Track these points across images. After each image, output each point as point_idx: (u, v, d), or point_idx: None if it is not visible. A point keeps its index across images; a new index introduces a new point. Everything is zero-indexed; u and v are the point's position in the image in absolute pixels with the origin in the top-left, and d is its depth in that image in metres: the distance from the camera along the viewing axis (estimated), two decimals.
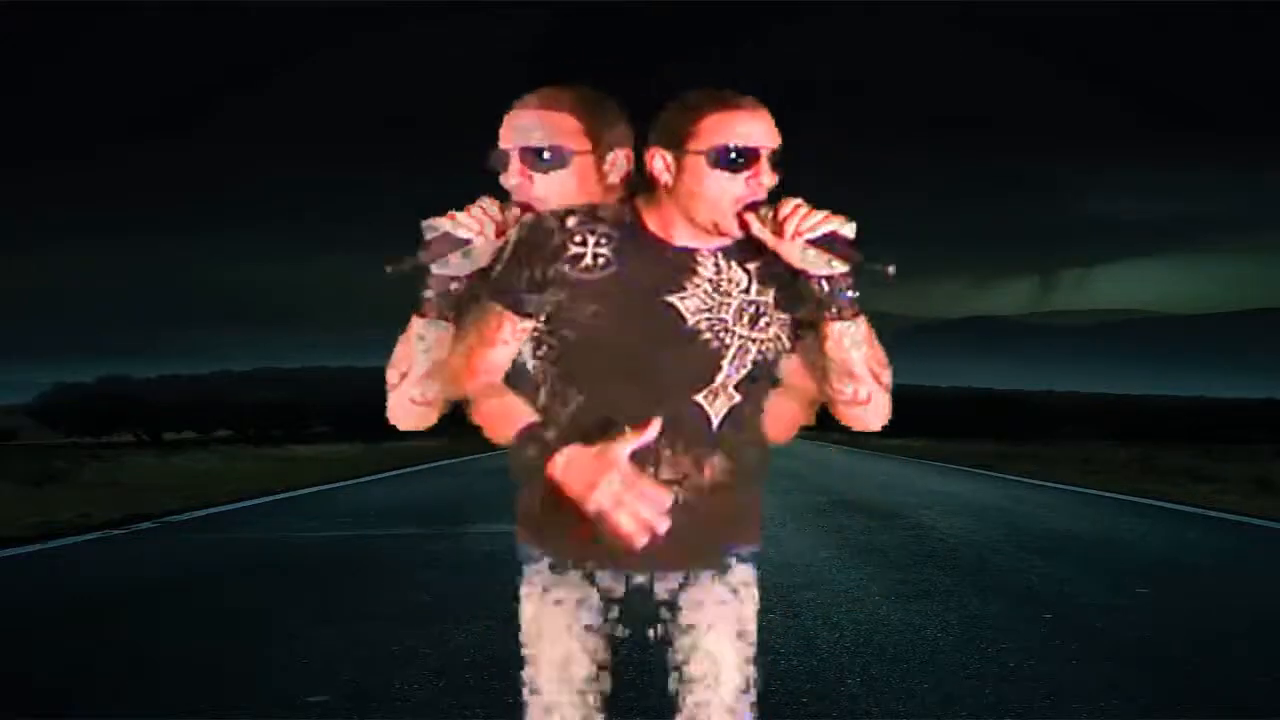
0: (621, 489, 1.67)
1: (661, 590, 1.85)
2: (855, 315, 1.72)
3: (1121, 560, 7.51)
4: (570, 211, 1.76)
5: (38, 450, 26.69)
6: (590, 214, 1.77)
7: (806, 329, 1.79)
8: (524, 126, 1.81)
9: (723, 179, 1.70)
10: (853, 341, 1.74)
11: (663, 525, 1.68)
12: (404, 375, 1.84)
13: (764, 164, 1.71)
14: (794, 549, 7.78)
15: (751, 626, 1.90)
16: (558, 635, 1.85)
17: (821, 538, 8.52)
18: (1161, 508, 11.57)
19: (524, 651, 1.90)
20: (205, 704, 3.91)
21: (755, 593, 1.90)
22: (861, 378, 1.77)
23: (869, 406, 1.80)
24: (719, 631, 1.86)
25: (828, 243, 1.66)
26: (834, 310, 1.71)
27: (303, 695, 4.00)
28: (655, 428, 1.70)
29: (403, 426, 1.91)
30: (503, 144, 1.82)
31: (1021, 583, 6.50)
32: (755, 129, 1.71)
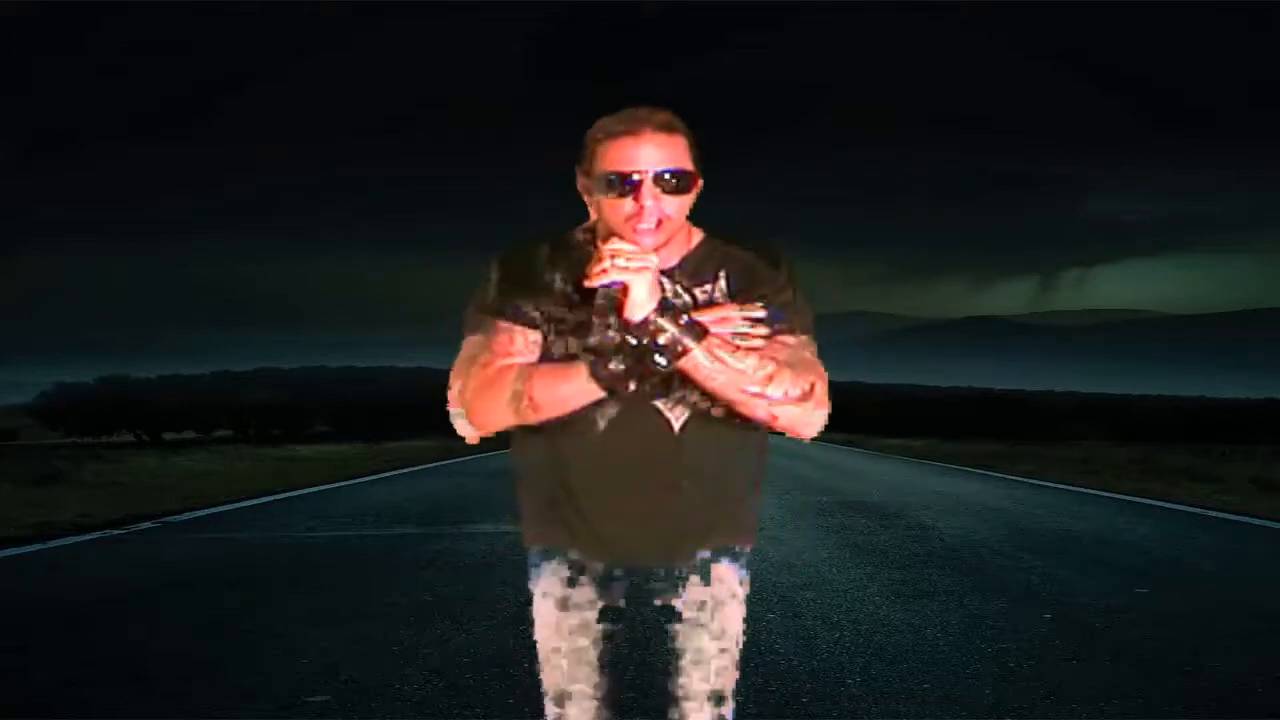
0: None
1: (656, 586, 1.92)
2: (680, 354, 1.71)
3: (1121, 560, 7.51)
4: (546, 242, 1.87)
5: (38, 450, 26.69)
6: (563, 244, 1.87)
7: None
8: (654, 153, 1.79)
9: (613, 203, 1.77)
10: (704, 375, 1.74)
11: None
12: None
13: (646, 187, 1.75)
14: (794, 549, 7.78)
15: (730, 627, 1.94)
16: (570, 634, 1.93)
17: (822, 537, 8.52)
18: (1161, 508, 11.57)
19: (539, 646, 1.96)
20: (205, 704, 3.91)
21: (737, 592, 1.94)
22: (740, 402, 1.77)
23: (780, 422, 1.79)
24: (699, 630, 1.92)
25: (606, 293, 1.72)
26: (655, 350, 1.71)
27: (303, 695, 4.00)
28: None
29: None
30: (624, 166, 1.78)
31: (1021, 583, 6.50)
32: (640, 153, 1.76)
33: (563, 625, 1.93)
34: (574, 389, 1.76)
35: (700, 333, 1.72)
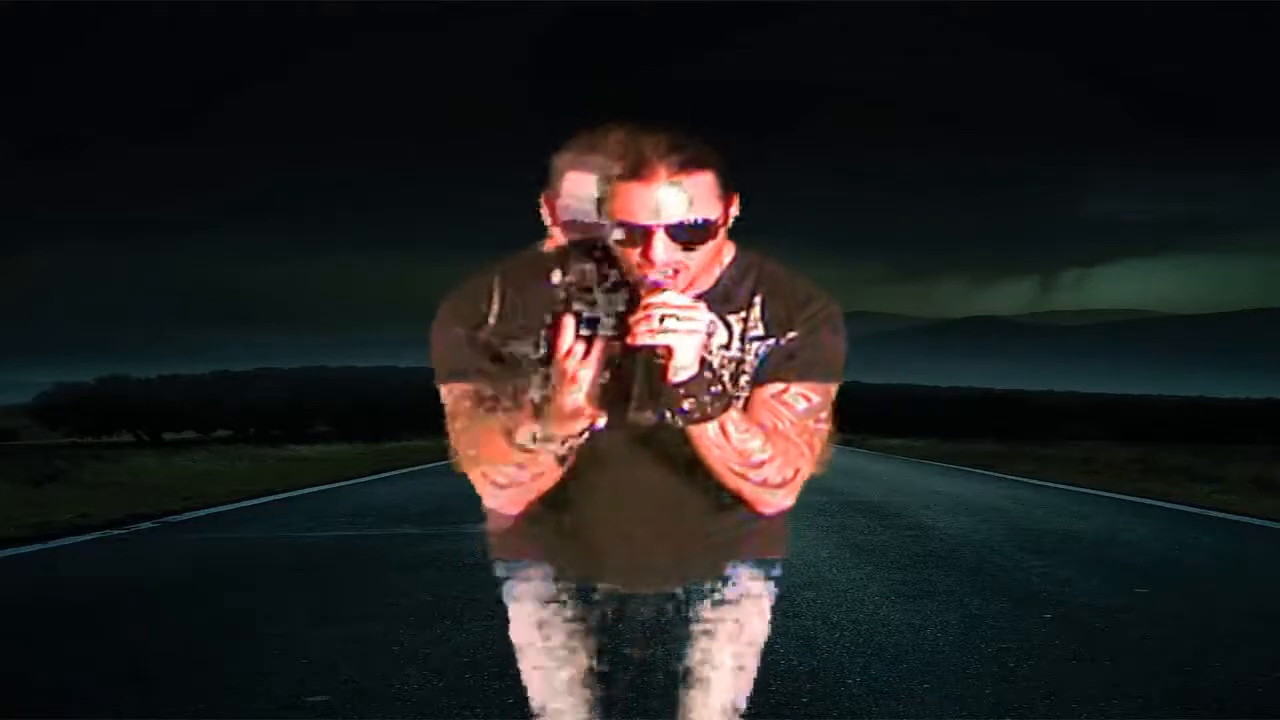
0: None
1: (660, 599, 1.85)
2: (697, 420, 1.59)
3: (1121, 560, 7.51)
4: (555, 257, 1.70)
5: (38, 450, 26.67)
6: (575, 258, 1.69)
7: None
8: (671, 200, 1.57)
9: (626, 253, 1.58)
10: (704, 443, 1.63)
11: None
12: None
13: (658, 242, 1.55)
14: (794, 549, 7.73)
15: (755, 636, 1.88)
16: (554, 647, 1.86)
17: (821, 537, 8.52)
18: (1161, 508, 11.58)
19: (521, 662, 1.91)
20: (205, 704, 3.91)
21: (763, 604, 1.88)
22: (721, 475, 1.67)
23: (744, 494, 1.71)
24: (719, 641, 1.86)
25: (647, 355, 1.54)
26: (671, 415, 1.58)
27: (303, 695, 4.00)
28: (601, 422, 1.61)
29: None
30: (634, 217, 1.56)
31: (1021, 583, 6.50)
32: (652, 202, 1.55)
33: (548, 645, 1.85)
34: (516, 463, 1.63)
35: (725, 405, 1.60)
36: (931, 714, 3.80)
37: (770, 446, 1.65)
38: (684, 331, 1.53)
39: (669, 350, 1.53)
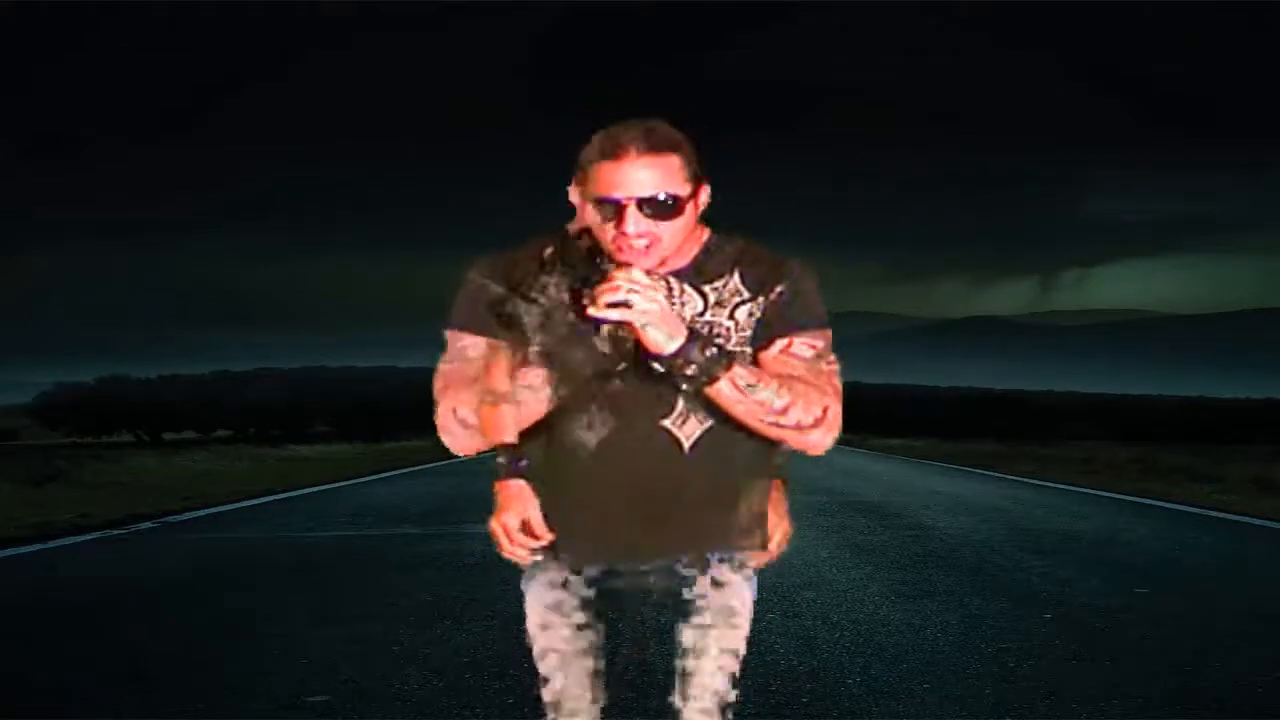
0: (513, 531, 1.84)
1: (657, 585, 1.94)
2: (704, 384, 1.74)
3: (1121, 560, 7.51)
4: (544, 244, 1.86)
5: (38, 450, 26.64)
6: (560, 246, 1.85)
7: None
8: (640, 177, 1.75)
9: (602, 227, 1.76)
10: (725, 403, 1.77)
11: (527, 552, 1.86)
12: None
13: (629, 215, 1.72)
14: (794, 548, 7.75)
15: (738, 621, 1.95)
16: (562, 630, 1.96)
17: (821, 537, 8.52)
18: (1161, 508, 11.57)
19: (534, 649, 2.00)
20: (205, 704, 3.91)
21: (743, 593, 1.95)
22: (758, 430, 1.80)
23: (788, 443, 1.84)
24: (703, 629, 1.93)
25: (613, 331, 1.75)
26: (679, 381, 1.75)
27: (303, 695, 4.00)
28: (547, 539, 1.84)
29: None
30: (609, 192, 1.74)
31: (1021, 583, 6.50)
32: (624, 178, 1.72)
33: (557, 629, 1.95)
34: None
35: (726, 363, 1.74)
36: (931, 714, 3.80)
37: (787, 391, 1.77)
38: (641, 309, 1.68)
39: (631, 326, 1.70)
